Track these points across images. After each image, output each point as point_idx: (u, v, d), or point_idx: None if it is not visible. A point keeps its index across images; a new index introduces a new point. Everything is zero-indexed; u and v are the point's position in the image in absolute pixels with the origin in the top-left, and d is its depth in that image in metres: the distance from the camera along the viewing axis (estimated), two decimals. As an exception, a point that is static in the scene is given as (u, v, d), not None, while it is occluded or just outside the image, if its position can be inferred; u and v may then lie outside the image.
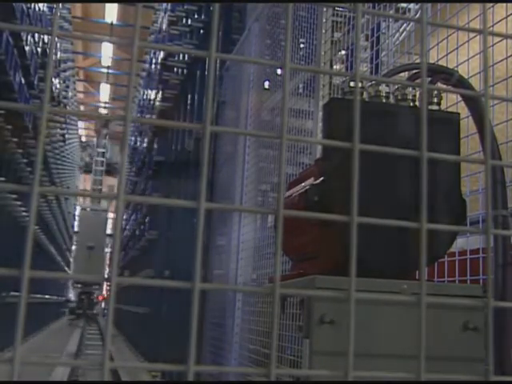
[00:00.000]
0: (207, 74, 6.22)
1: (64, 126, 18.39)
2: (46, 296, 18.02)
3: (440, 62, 2.41)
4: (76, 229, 32.06)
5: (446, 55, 2.44)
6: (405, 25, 3.23)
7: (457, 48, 2.43)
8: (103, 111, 28.56)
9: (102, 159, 34.08)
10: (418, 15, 3.11)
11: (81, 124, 31.44)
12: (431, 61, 2.38)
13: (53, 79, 14.20)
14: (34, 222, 0.58)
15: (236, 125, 5.23)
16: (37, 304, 14.13)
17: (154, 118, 12.29)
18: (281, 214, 0.60)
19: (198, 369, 0.56)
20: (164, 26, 12.18)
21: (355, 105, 0.64)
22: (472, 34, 2.28)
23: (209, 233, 5.59)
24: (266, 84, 4.70)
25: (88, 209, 32.67)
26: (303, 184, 1.70)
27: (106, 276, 0.58)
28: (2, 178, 8.89)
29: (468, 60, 2.37)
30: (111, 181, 33.84)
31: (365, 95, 1.64)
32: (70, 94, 21.27)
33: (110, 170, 33.79)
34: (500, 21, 2.26)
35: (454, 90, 2.02)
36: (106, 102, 29.51)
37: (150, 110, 14.58)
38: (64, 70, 17.72)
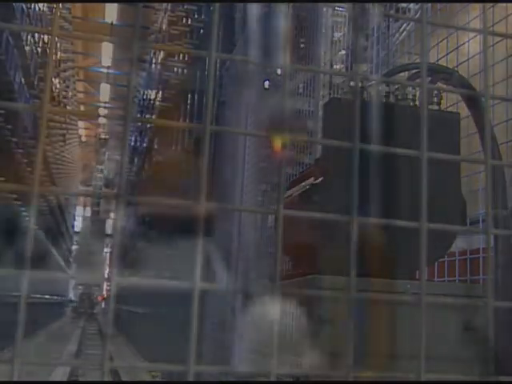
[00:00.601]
0: (207, 74, 6.20)
1: (64, 125, 18.38)
2: (46, 296, 18.02)
3: (440, 62, 2.41)
4: (76, 229, 33.18)
5: (446, 55, 2.44)
6: (405, 25, 3.22)
7: (457, 48, 2.43)
8: (103, 111, 28.66)
9: (101, 175, 36.40)
10: (418, 15, 3.11)
11: (81, 124, 31.60)
12: (431, 61, 2.37)
13: (53, 79, 14.20)
14: (34, 222, 0.58)
15: (236, 125, 5.22)
16: (37, 304, 14.12)
17: (154, 117, 12.28)
18: (281, 213, 0.60)
19: (198, 369, 0.56)
20: (164, 26, 12.17)
21: (355, 105, 0.64)
22: (472, 34, 2.27)
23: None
24: (266, 84, 4.69)
25: (88, 220, 34.19)
26: (303, 184, 1.70)
27: (106, 276, 0.58)
28: (2, 178, 8.88)
29: (468, 60, 2.37)
30: (109, 194, 35.22)
31: (365, 95, 1.64)
32: (70, 93, 21.24)
33: (108, 185, 35.47)
34: (500, 21, 2.25)
35: (454, 89, 2.03)
36: (105, 102, 29.51)
37: (150, 109, 14.57)
38: (64, 70, 17.71)
